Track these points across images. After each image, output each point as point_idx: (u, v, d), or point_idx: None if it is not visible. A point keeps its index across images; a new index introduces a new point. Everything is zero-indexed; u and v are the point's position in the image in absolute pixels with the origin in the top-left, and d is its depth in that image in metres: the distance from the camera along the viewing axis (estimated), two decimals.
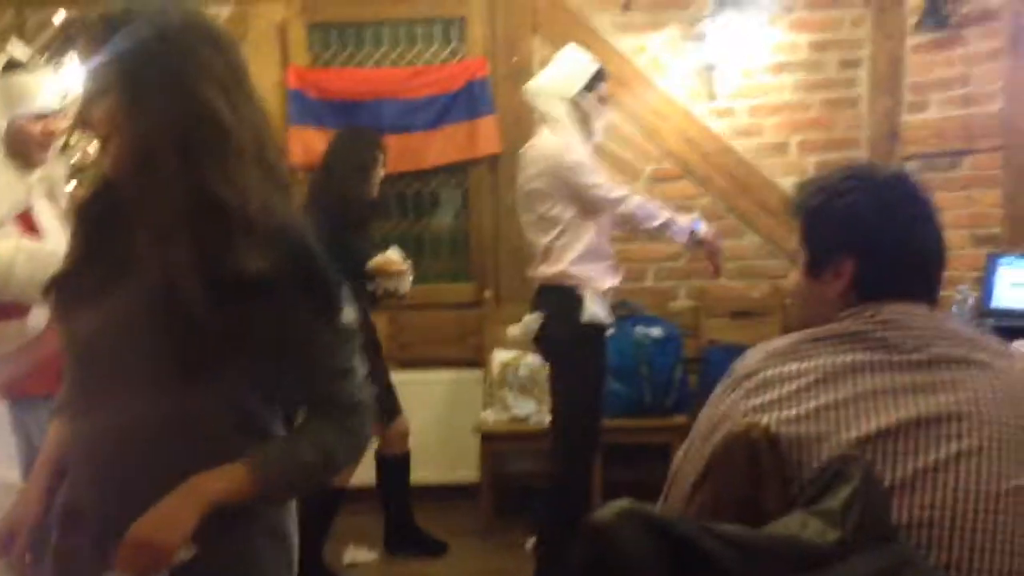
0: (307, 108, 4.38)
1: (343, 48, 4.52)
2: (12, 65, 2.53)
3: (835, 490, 1.10)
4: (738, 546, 1.00)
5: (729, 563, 0.99)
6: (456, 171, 4.51)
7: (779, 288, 4.23)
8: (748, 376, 1.35)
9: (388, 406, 3.74)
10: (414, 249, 4.62)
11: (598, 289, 3.33)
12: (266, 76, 4.38)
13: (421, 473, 4.17)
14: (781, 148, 4.43)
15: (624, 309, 4.24)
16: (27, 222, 2.45)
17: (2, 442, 2.34)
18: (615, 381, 3.99)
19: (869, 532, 1.04)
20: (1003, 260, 3.61)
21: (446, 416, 4.22)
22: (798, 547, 1.02)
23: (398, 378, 4.38)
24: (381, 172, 3.71)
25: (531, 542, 3.78)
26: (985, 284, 3.60)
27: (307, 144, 4.36)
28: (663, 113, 4.42)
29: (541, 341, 3.47)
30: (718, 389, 1.43)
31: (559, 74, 3.37)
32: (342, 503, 3.62)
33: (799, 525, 1.06)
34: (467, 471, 4.30)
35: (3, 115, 2.43)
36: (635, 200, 3.32)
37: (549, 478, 3.45)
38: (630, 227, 3.42)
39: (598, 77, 3.37)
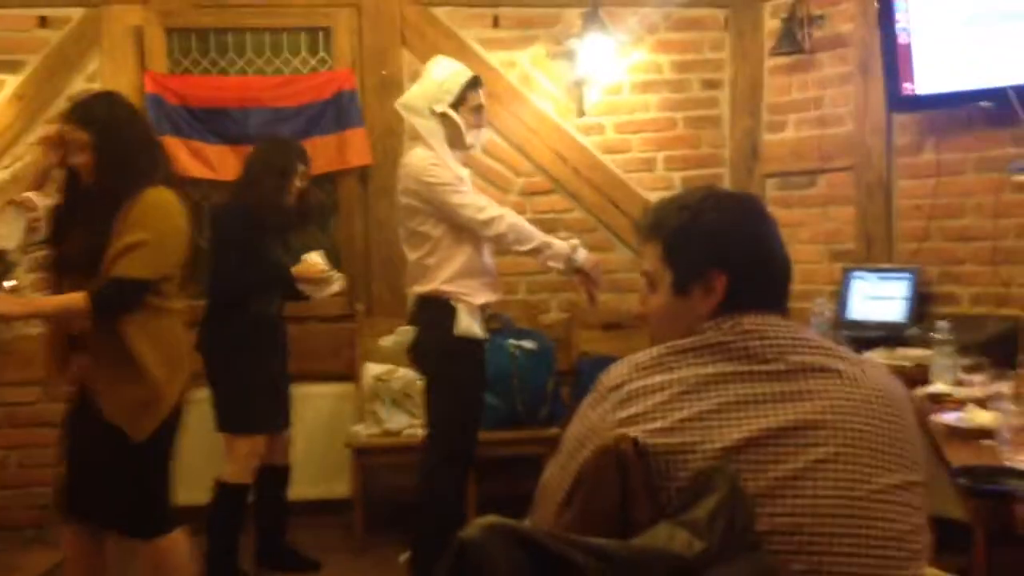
0: (166, 115, 4.22)
1: (204, 55, 4.39)
2: None
3: (702, 500, 1.11)
4: (607, 558, 1.01)
5: (597, 575, 0.99)
6: (325, 183, 4.43)
7: None
8: (614, 389, 1.37)
9: (284, 414, 3.77)
10: None
11: (472, 304, 3.32)
12: (121, 82, 4.20)
13: (293, 489, 4.05)
14: (648, 164, 4.54)
15: (496, 322, 4.25)
16: None
17: None
18: (488, 394, 3.97)
19: (735, 542, 1.06)
20: (856, 274, 3.79)
21: (318, 431, 4.13)
22: (665, 558, 1.03)
23: None
24: (299, 181, 3.70)
25: (404, 557, 3.73)
26: (841, 297, 3.77)
27: (168, 152, 4.19)
28: (534, 128, 4.46)
29: (415, 354, 3.44)
30: (584, 404, 1.43)
31: (425, 89, 3.32)
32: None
33: (666, 536, 1.07)
34: (339, 486, 4.22)
35: None
36: (506, 222, 3.25)
37: (420, 491, 3.41)
38: (502, 248, 3.37)
39: (470, 86, 3.32)
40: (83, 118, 2.70)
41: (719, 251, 1.41)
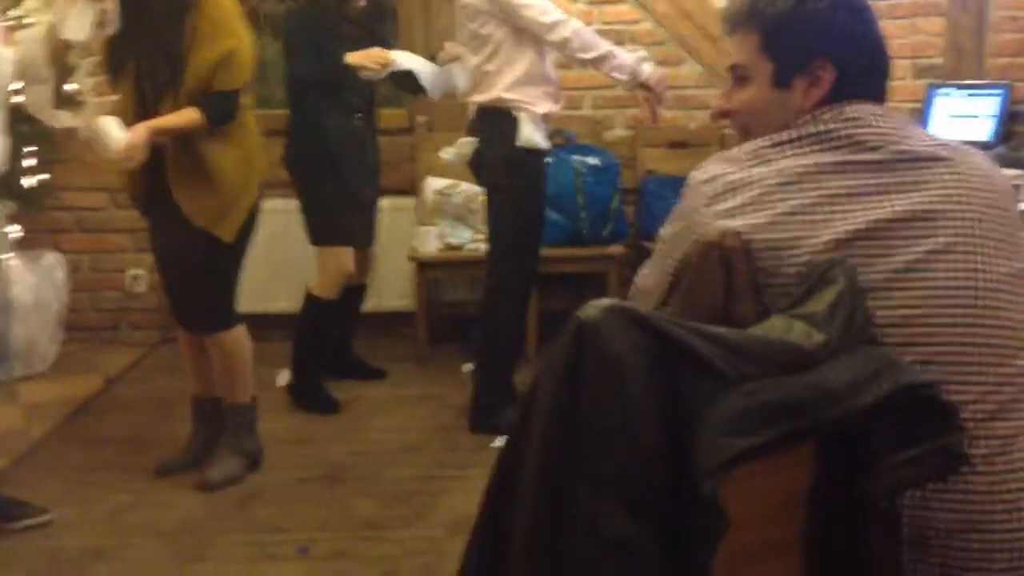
0: None
1: None
2: None
3: (819, 293, 1.08)
4: (725, 347, 0.98)
5: (716, 361, 0.97)
6: None
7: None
8: (707, 182, 1.30)
9: (369, 230, 3.78)
10: None
11: (534, 113, 3.24)
12: None
13: None
14: None
15: (560, 137, 4.16)
16: None
17: None
18: (552, 210, 3.92)
19: (854, 335, 1.03)
20: (941, 91, 3.61)
21: (381, 244, 4.13)
22: (784, 348, 1.00)
23: None
24: None
25: (467, 368, 3.81)
26: (923, 115, 3.61)
27: None
28: None
29: (477, 166, 3.39)
30: (677, 204, 1.38)
31: None
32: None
33: (783, 328, 1.04)
34: (402, 299, 4.28)
35: None
36: (571, 27, 3.13)
37: (485, 305, 3.44)
38: (565, 55, 3.24)
39: None
40: None
41: (827, 39, 1.32)
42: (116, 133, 2.61)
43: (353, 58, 3.38)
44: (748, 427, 0.96)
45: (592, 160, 4.11)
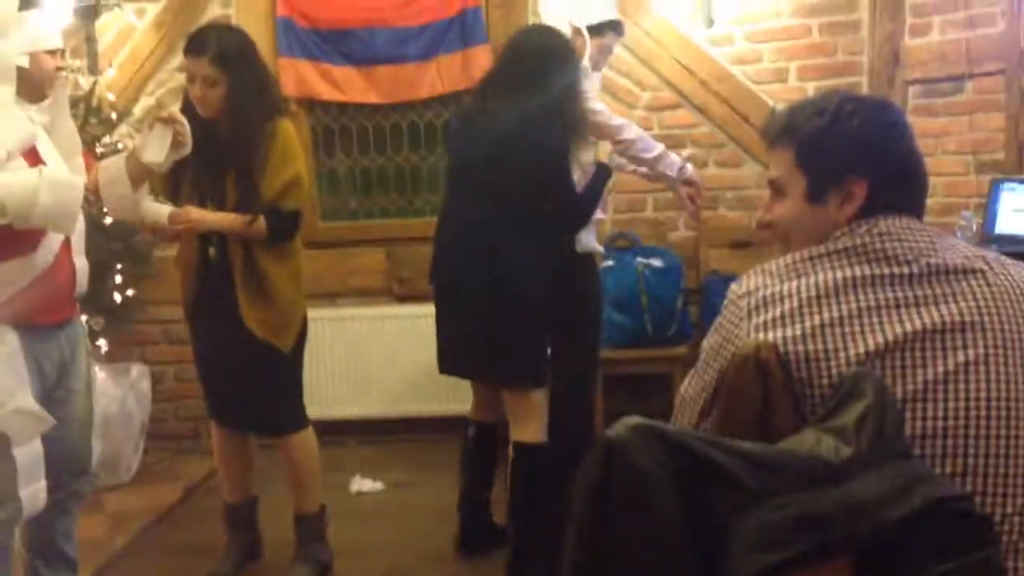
0: (296, 38, 4.31)
1: None
2: (27, 3, 2.52)
3: (848, 407, 1.10)
4: (752, 462, 1.01)
5: (743, 478, 1.00)
6: (450, 102, 4.44)
7: None
8: (745, 296, 1.35)
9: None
10: (411, 182, 4.58)
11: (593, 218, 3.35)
12: (255, 5, 4.30)
13: (414, 406, 4.24)
14: (780, 74, 4.37)
15: (623, 240, 4.23)
16: (32, 154, 2.43)
17: (17, 370, 2.35)
18: (616, 312, 3.99)
19: (883, 448, 1.05)
20: (1006, 185, 3.58)
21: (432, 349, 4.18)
22: (811, 463, 1.03)
23: (396, 312, 4.38)
24: None
25: None
26: (988, 210, 3.58)
27: (299, 74, 4.32)
28: (660, 40, 4.34)
29: None
30: (719, 316, 1.43)
31: (574, 2, 3.41)
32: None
33: (812, 442, 1.07)
34: (462, 404, 4.30)
35: (23, 51, 2.37)
36: (635, 128, 3.36)
37: (552, 412, 3.45)
38: (629, 155, 3.39)
39: (611, 27, 3.44)
40: (218, 55, 2.82)
41: (860, 157, 1.37)
42: (154, 208, 2.84)
43: None
44: (777, 541, 0.98)
45: (655, 262, 4.17)
